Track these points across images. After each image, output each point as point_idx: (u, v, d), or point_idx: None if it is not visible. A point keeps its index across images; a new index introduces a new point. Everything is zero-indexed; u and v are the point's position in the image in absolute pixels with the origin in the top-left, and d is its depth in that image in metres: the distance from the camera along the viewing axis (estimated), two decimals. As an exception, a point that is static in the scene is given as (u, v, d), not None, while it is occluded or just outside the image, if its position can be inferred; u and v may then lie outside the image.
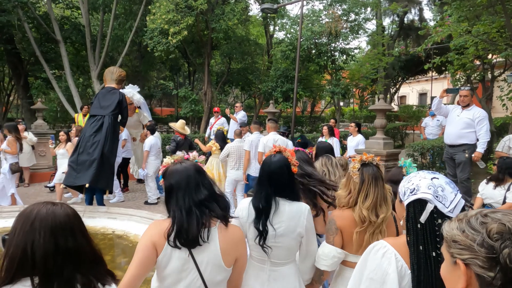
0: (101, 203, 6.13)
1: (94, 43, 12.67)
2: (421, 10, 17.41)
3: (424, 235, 1.21)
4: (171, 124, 7.08)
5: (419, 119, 14.16)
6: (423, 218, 1.21)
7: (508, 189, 3.83)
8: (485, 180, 4.06)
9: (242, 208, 1.99)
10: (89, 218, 5.41)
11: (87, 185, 5.43)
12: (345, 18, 11.43)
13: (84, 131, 5.84)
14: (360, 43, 46.04)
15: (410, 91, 30.92)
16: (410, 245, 1.25)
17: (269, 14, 12.32)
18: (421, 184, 1.25)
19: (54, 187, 7.05)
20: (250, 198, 2.01)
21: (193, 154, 1.80)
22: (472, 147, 4.72)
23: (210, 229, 1.58)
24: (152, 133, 7.03)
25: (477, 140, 4.71)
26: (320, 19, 11.24)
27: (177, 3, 9.06)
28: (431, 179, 1.26)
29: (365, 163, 2.04)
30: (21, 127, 8.14)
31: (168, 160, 1.76)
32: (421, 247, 1.21)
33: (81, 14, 12.51)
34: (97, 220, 5.35)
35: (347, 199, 2.03)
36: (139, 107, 7.98)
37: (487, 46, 7.41)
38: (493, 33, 6.79)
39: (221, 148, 6.36)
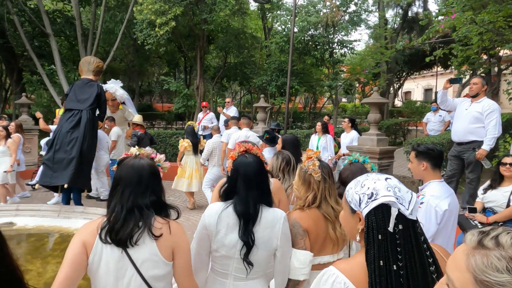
0: (78, 202, 5.85)
1: (86, 37, 12.34)
2: (425, 1, 16.79)
3: (385, 247, 1.04)
4: (131, 121, 6.86)
5: (423, 115, 13.68)
6: (391, 226, 1.05)
7: (512, 192, 3.41)
8: (485, 184, 3.63)
9: (210, 214, 1.74)
10: (64, 219, 5.16)
11: (65, 186, 5.14)
12: (343, 8, 10.92)
13: (59, 127, 5.48)
14: (361, 36, 45.21)
15: (415, 87, 30.32)
16: (370, 262, 1.06)
17: (265, 5, 11.90)
18: (378, 186, 1.10)
19: (35, 185, 6.75)
20: (219, 204, 1.77)
21: (160, 157, 1.73)
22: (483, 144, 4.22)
23: (145, 230, 1.49)
24: None
25: None
26: (317, 9, 10.75)
27: (164, -7, 8.69)
28: (385, 179, 1.11)
29: (320, 160, 2.01)
30: (4, 123, 7.88)
31: (134, 150, 1.67)
32: (381, 262, 1.04)
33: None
34: (72, 221, 5.08)
35: (311, 198, 1.92)
36: (123, 103, 7.65)
37: (492, 36, 6.93)
38: (499, 22, 6.30)
39: (192, 143, 6.21)
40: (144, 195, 1.53)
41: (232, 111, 8.52)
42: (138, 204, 1.51)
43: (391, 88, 20.21)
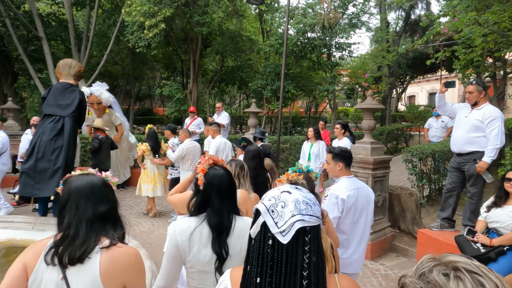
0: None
1: (81, 40, 12.14)
2: (428, 4, 16.37)
3: (253, 254, 1.03)
4: (93, 125, 6.65)
5: (426, 119, 13.24)
6: (253, 231, 1.06)
7: (519, 211, 3.01)
8: (489, 201, 3.23)
9: (182, 230, 1.67)
10: (39, 232, 4.84)
11: (52, 198, 4.83)
12: (341, 10, 10.53)
13: (39, 133, 5.15)
14: (362, 39, 44.96)
15: (419, 91, 29.91)
16: (245, 263, 1.08)
17: (261, 8, 11.59)
18: (269, 193, 1.09)
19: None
20: (190, 219, 1.71)
21: (106, 173, 1.69)
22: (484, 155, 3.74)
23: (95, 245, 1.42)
24: None
25: None
26: (315, 10, 10.37)
27: (153, -6, 8.40)
28: (282, 192, 1.08)
29: (293, 182, 1.78)
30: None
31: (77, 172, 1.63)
32: (248, 268, 1.05)
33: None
34: (47, 234, 4.72)
35: None
36: (110, 107, 7.35)
37: (497, 38, 6.55)
38: (504, 23, 5.91)
39: (152, 149, 6.07)
40: (101, 204, 1.48)
41: (224, 117, 8.16)
42: (98, 213, 1.46)
43: (394, 92, 19.78)
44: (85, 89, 6.66)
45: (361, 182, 2.81)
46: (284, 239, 0.97)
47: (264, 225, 1.01)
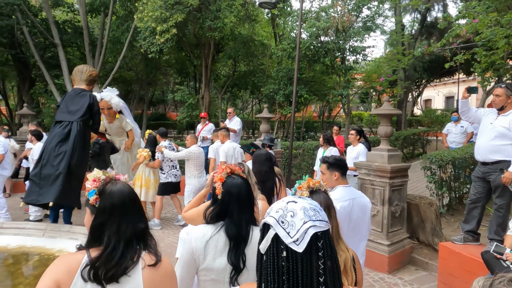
0: (68, 220, 5.53)
1: (95, 47, 12.32)
2: (445, 6, 16.00)
3: (267, 270, 0.99)
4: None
5: (443, 124, 12.85)
6: (262, 246, 1.02)
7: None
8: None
9: (197, 238, 1.65)
10: (49, 238, 4.80)
11: (51, 204, 4.78)
12: (355, 13, 10.34)
13: (48, 140, 5.16)
14: (376, 42, 44.30)
15: (435, 94, 29.26)
16: (259, 284, 1.04)
17: (274, 12, 11.50)
18: (274, 206, 1.06)
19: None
20: (206, 227, 1.70)
21: (124, 177, 1.60)
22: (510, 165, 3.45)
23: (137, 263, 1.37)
24: None
25: None
26: (328, 14, 10.22)
27: (165, 0, 8.40)
28: (287, 202, 1.05)
29: (313, 190, 1.83)
30: (4, 134, 7.77)
31: (97, 174, 1.51)
32: (263, 285, 1.00)
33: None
34: (57, 241, 4.72)
35: None
36: (120, 112, 7.33)
37: (520, 39, 6.27)
38: (528, 23, 5.64)
39: (152, 153, 6.06)
40: (138, 222, 1.43)
41: (236, 122, 8.05)
42: (136, 232, 1.41)
43: (410, 96, 19.38)
44: (95, 95, 6.67)
45: (358, 191, 2.76)
46: (299, 248, 0.96)
47: (276, 238, 0.99)
